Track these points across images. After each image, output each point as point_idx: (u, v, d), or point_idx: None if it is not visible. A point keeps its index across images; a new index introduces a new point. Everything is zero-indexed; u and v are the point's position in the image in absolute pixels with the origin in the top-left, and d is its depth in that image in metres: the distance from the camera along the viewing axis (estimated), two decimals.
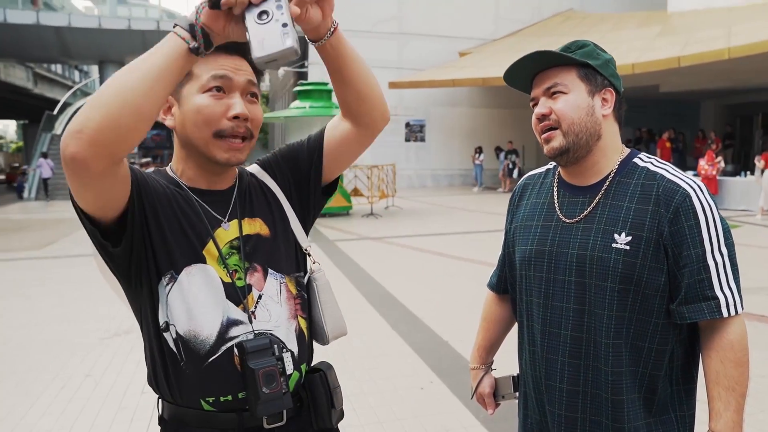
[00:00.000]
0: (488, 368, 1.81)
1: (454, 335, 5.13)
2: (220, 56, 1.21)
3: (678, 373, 1.45)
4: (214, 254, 1.24)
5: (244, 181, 1.37)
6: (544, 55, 1.42)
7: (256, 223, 1.33)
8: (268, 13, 0.96)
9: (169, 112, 1.25)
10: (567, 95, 1.42)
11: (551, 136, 1.43)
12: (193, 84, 1.22)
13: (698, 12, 17.67)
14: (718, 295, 1.35)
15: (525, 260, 1.55)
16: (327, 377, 1.33)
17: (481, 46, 22.86)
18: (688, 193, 1.37)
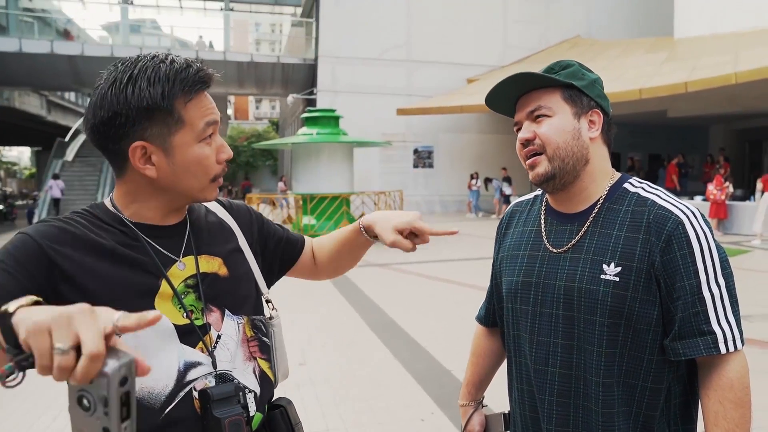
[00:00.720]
0: (478, 405, 1.72)
1: (457, 365, 5.03)
2: (202, 96, 1.14)
3: (676, 413, 1.35)
4: (169, 294, 1.15)
5: (194, 213, 1.30)
6: (526, 76, 1.35)
7: (215, 262, 1.25)
8: (89, 405, 0.71)
9: (145, 160, 1.11)
10: (551, 118, 1.34)
11: (536, 161, 1.36)
12: (187, 133, 1.12)
13: (705, 38, 17.69)
14: (715, 330, 1.25)
15: (511, 292, 1.47)
16: (288, 414, 1.27)
17: (489, 72, 22.98)
18: (680, 219, 1.28)
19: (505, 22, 23.84)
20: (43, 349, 0.70)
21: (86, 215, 1.16)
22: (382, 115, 21.64)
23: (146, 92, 1.07)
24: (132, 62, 1.11)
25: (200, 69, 1.13)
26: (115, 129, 1.09)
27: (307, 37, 24.86)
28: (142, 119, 1.08)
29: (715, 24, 17.88)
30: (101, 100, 1.09)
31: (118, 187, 1.19)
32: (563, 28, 24.36)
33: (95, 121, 1.10)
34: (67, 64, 21.75)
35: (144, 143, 1.10)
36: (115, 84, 1.08)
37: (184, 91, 1.10)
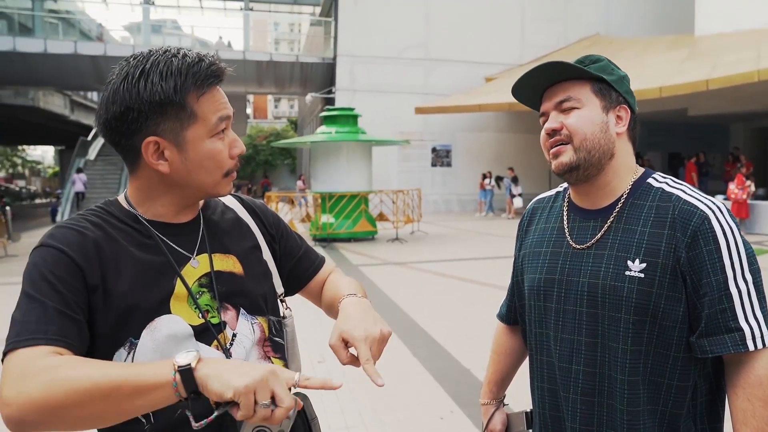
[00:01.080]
0: (500, 403, 1.71)
1: (476, 363, 5.05)
2: (214, 91, 1.13)
3: (703, 412, 1.34)
4: (183, 295, 1.14)
5: (209, 209, 1.28)
6: (558, 66, 1.34)
7: (230, 260, 1.23)
8: None
9: (158, 156, 1.11)
10: (580, 110, 1.34)
11: (561, 150, 1.35)
12: (200, 127, 1.11)
13: (726, 35, 17.45)
14: (742, 327, 1.23)
15: (534, 290, 1.46)
16: (304, 409, 1.26)
17: (507, 71, 22.88)
18: (706, 215, 1.26)
19: (523, 21, 23.71)
20: (250, 405, 0.90)
21: (101, 214, 1.16)
22: (400, 114, 21.66)
23: (158, 86, 1.06)
24: (144, 57, 1.10)
25: (212, 63, 1.12)
26: (128, 124, 1.08)
27: (326, 37, 24.95)
28: (155, 114, 1.07)
29: (736, 21, 17.61)
30: (113, 95, 1.08)
31: (132, 183, 1.18)
32: (582, 26, 24.16)
33: (107, 116, 1.09)
34: (90, 65, 22.04)
35: (157, 138, 1.09)
36: (127, 79, 1.08)
37: (197, 86, 1.09)
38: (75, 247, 1.06)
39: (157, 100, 1.07)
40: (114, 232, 1.12)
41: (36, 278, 1.03)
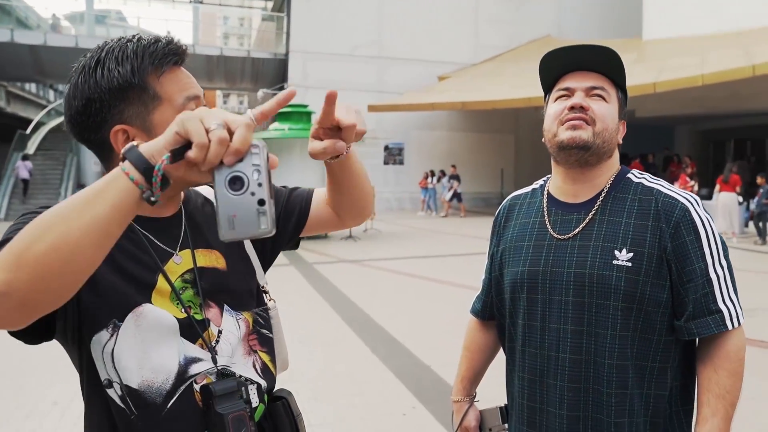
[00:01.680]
0: (472, 400, 1.72)
1: (435, 359, 5.03)
2: (176, 71, 1.08)
3: (677, 394, 1.41)
4: (166, 291, 1.10)
5: (191, 202, 1.24)
6: (612, 56, 1.40)
7: (213, 255, 1.19)
8: (243, 182, 0.81)
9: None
10: (608, 104, 1.41)
11: (582, 125, 1.37)
12: (166, 109, 1.06)
13: (672, 40, 18.07)
14: (721, 308, 1.33)
15: (517, 282, 1.48)
16: (290, 405, 1.23)
17: (460, 70, 23.10)
18: (686, 207, 1.36)
19: (477, 21, 23.98)
20: (199, 129, 0.80)
21: None
22: None
23: (115, 72, 1.03)
24: (99, 48, 1.07)
25: (170, 42, 1.08)
26: (92, 117, 1.05)
27: (278, 32, 24.65)
28: (117, 101, 1.04)
29: (681, 27, 18.29)
30: (73, 90, 1.06)
31: None
32: (534, 27, 24.61)
33: (71, 112, 1.06)
34: (29, 54, 21.15)
35: (124, 126, 1.04)
36: (84, 71, 1.05)
37: (155, 65, 1.04)
38: None
39: (115, 85, 1.03)
40: None
41: None
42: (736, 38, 16.00)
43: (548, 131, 1.44)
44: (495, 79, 20.64)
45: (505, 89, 18.98)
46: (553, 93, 1.45)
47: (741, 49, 14.72)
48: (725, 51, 14.74)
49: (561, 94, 1.43)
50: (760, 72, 13.11)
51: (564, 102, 1.41)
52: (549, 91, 1.49)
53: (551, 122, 1.43)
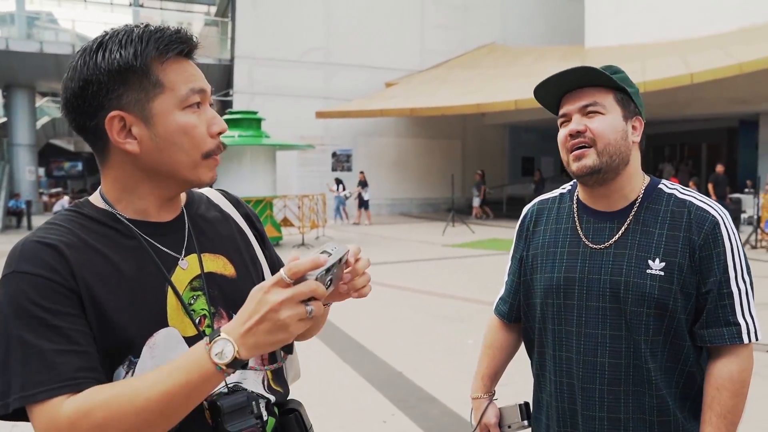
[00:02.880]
0: (492, 397, 1.73)
1: (406, 366, 5.00)
2: (183, 62, 1.03)
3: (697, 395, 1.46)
4: (175, 304, 1.04)
5: (193, 205, 1.18)
6: (588, 71, 1.40)
7: (220, 260, 1.13)
8: None
9: (125, 134, 1.00)
10: (605, 116, 1.41)
11: (584, 153, 1.41)
12: (168, 98, 1.00)
13: (613, 48, 18.75)
14: (740, 322, 1.38)
15: (553, 288, 1.50)
16: (302, 417, 1.18)
17: (407, 76, 23.26)
18: (717, 220, 1.40)
19: (423, 27, 24.21)
20: (302, 326, 0.88)
21: (73, 218, 1.03)
22: (300, 118, 21.35)
23: (117, 54, 0.98)
24: (103, 33, 1.02)
25: (178, 31, 1.02)
26: (88, 100, 0.99)
27: (222, 37, 24.19)
28: (116, 84, 0.98)
29: (622, 35, 19.01)
30: (72, 72, 1.00)
31: (104, 177, 1.07)
32: (479, 34, 25.02)
33: (67, 95, 1.00)
34: None
35: (120, 112, 0.99)
36: (84, 53, 1.00)
37: (159, 50, 0.99)
38: (54, 267, 0.94)
39: (116, 67, 0.98)
40: (91, 239, 1.01)
41: (22, 315, 0.91)
42: (674, 47, 16.74)
43: (563, 158, 1.48)
44: (442, 85, 20.89)
45: (453, 95, 19.23)
46: (558, 119, 1.49)
47: (679, 57, 15.39)
48: (664, 59, 15.38)
49: (562, 121, 1.47)
50: (698, 80, 13.76)
51: (566, 128, 1.45)
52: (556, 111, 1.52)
53: (562, 150, 1.47)
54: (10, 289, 0.93)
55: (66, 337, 0.91)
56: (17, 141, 23.69)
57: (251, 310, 0.87)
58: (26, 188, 23.10)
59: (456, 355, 5.27)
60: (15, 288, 0.92)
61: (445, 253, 12.48)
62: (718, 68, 13.77)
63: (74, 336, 0.92)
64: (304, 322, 0.87)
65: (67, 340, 0.91)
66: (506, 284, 1.70)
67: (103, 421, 0.86)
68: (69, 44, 22.23)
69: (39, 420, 0.88)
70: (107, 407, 0.87)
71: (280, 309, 0.85)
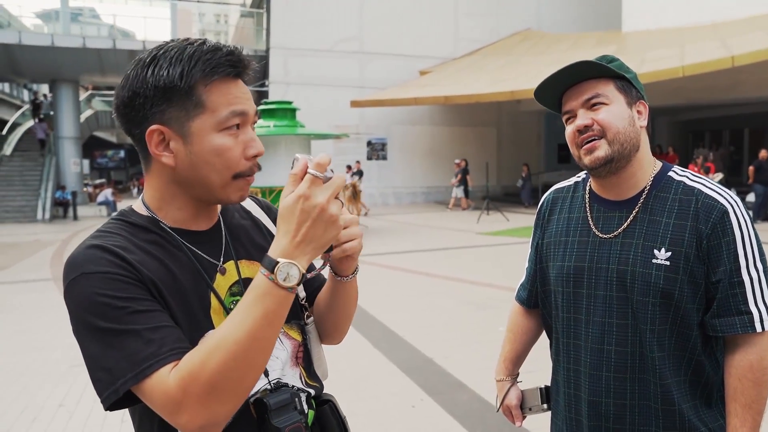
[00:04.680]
0: (514, 380, 1.79)
1: (437, 352, 5.08)
2: (230, 83, 1.05)
3: (718, 382, 1.47)
4: (218, 309, 1.09)
5: (228, 213, 1.22)
6: (585, 65, 1.40)
7: (255, 266, 1.17)
8: None
9: (164, 147, 1.05)
10: (609, 106, 1.41)
11: (595, 145, 1.41)
12: (207, 119, 1.03)
13: (651, 32, 18.30)
14: (752, 310, 1.36)
15: (563, 277, 1.54)
16: (337, 408, 1.24)
17: (441, 64, 23.14)
18: (726, 209, 1.38)
19: (457, 15, 24.03)
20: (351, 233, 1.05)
21: (123, 225, 1.08)
22: (335, 107, 21.51)
23: (165, 71, 1.02)
24: (161, 45, 1.06)
25: (231, 53, 1.05)
26: (135, 110, 1.04)
27: (257, 28, 24.45)
28: (160, 100, 1.02)
29: (660, 19, 18.53)
30: (124, 81, 1.05)
31: (147, 183, 1.13)
32: (514, 21, 24.71)
33: (118, 102, 1.06)
34: (3, 53, 20.77)
35: (161, 127, 1.03)
36: (138, 64, 1.05)
37: (206, 73, 1.02)
38: (120, 265, 0.99)
39: (161, 85, 1.02)
40: (143, 244, 1.06)
41: (103, 309, 0.95)
42: (713, 30, 16.27)
43: (573, 154, 1.48)
44: (476, 73, 20.73)
45: (488, 83, 19.07)
46: (563, 116, 1.50)
47: (718, 40, 14.96)
48: (703, 43, 14.97)
49: (567, 117, 1.48)
50: (739, 63, 13.34)
51: (572, 124, 1.46)
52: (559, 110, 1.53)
53: (571, 146, 1.48)
54: (82, 289, 0.96)
55: (152, 317, 0.96)
56: (63, 134, 24.42)
57: (299, 220, 0.92)
58: (71, 180, 23.81)
59: (486, 343, 5.33)
60: (88, 287, 0.95)
61: (479, 241, 12.49)
62: (759, 50, 13.31)
63: (158, 316, 0.97)
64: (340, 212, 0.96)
65: (155, 319, 0.96)
66: (526, 271, 1.75)
67: (210, 376, 0.90)
68: (110, 39, 22.78)
69: (153, 395, 0.92)
70: (207, 361, 0.90)
71: (328, 206, 0.93)
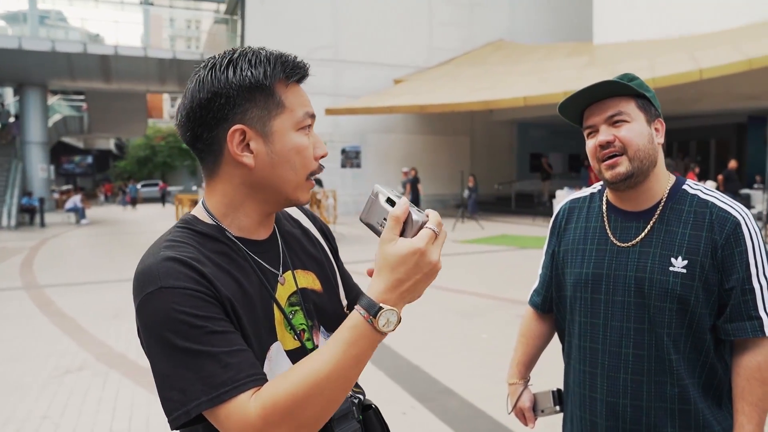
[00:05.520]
0: (527, 383, 1.84)
1: (424, 360, 5.11)
2: (298, 87, 1.11)
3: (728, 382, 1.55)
4: (281, 320, 1.09)
5: (282, 225, 1.23)
6: (610, 85, 1.48)
7: (309, 276, 1.20)
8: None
9: (244, 148, 1.05)
10: (630, 123, 1.49)
11: (617, 161, 1.49)
12: (287, 118, 1.06)
13: (622, 44, 18.74)
14: (761, 315, 1.45)
15: (581, 283, 1.60)
16: (380, 413, 1.26)
17: (415, 73, 23.30)
18: (738, 221, 1.47)
19: (431, 25, 24.24)
20: None
21: (189, 234, 1.07)
22: None
23: (248, 72, 1.03)
24: (227, 52, 1.08)
25: (296, 59, 1.11)
26: (213, 112, 1.03)
27: (231, 35, 24.32)
28: (243, 100, 1.04)
29: (630, 32, 18.99)
30: (199, 84, 1.04)
31: (211, 189, 1.11)
32: (487, 31, 25.04)
33: (192, 104, 1.04)
34: None
35: (243, 127, 1.04)
36: (214, 68, 1.05)
37: (286, 74, 1.06)
38: (198, 280, 0.98)
39: (247, 84, 1.03)
40: (213, 255, 1.05)
41: (181, 327, 0.94)
42: (682, 43, 16.73)
43: (594, 168, 1.56)
44: (451, 82, 20.93)
45: (462, 92, 19.27)
46: (584, 130, 1.57)
47: (687, 54, 15.39)
48: (673, 56, 15.36)
49: (589, 132, 1.55)
50: (707, 76, 13.76)
51: (594, 139, 1.53)
52: (580, 123, 1.61)
53: (592, 160, 1.56)
54: (161, 305, 0.94)
55: (229, 341, 0.95)
56: (30, 139, 23.90)
57: (410, 272, 0.94)
58: (38, 185, 23.31)
59: (472, 350, 5.39)
60: (167, 302, 0.94)
61: (457, 249, 12.57)
62: (726, 64, 13.77)
63: (234, 338, 0.96)
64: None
65: (231, 342, 0.95)
66: (540, 277, 1.81)
67: (293, 407, 0.90)
68: (80, 43, 22.40)
69: (229, 421, 0.91)
70: (294, 394, 0.91)
71: (439, 263, 0.96)
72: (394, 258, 0.94)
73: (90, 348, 5.66)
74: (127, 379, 4.79)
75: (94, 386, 4.60)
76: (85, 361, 5.26)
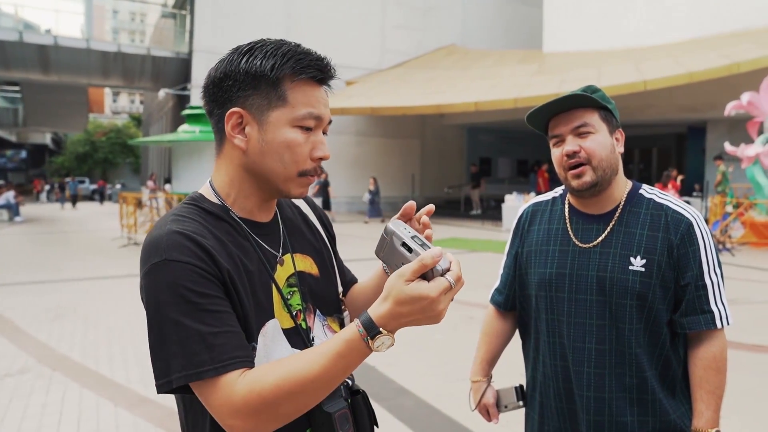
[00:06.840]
0: (489, 380, 1.90)
1: (378, 360, 5.10)
2: (313, 87, 1.13)
3: (682, 374, 1.66)
4: (278, 298, 1.14)
5: (283, 208, 1.28)
6: (579, 97, 1.56)
7: (307, 260, 1.25)
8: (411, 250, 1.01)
9: (239, 130, 1.11)
10: (595, 134, 1.58)
11: (583, 171, 1.58)
12: (285, 112, 1.10)
13: (570, 53, 19.31)
14: (713, 309, 1.57)
15: (545, 282, 1.69)
16: (368, 399, 1.28)
17: (367, 75, 23.35)
18: (691, 222, 1.59)
19: (384, 27, 24.36)
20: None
21: (196, 212, 1.11)
22: None
23: (258, 61, 1.09)
24: (261, 41, 1.14)
25: (321, 59, 1.13)
26: (223, 91, 1.11)
27: (179, 30, 23.81)
28: (249, 86, 1.09)
29: (578, 42, 19.59)
30: (219, 64, 1.13)
31: (216, 167, 1.17)
32: (439, 35, 25.35)
33: (208, 81, 1.14)
34: None
35: (242, 110, 1.10)
36: (235, 52, 1.12)
37: (294, 70, 1.09)
38: (201, 256, 1.02)
39: (253, 72, 1.09)
40: (217, 232, 1.10)
41: (178, 301, 0.99)
42: (627, 54, 17.35)
43: (560, 175, 1.65)
44: (403, 85, 21.07)
45: (414, 95, 19.42)
46: (549, 138, 1.66)
47: (632, 65, 15.96)
48: (619, 66, 15.90)
49: (555, 141, 1.63)
50: (651, 87, 14.31)
51: (560, 148, 1.61)
52: (545, 131, 1.68)
53: (558, 168, 1.64)
54: (164, 276, 0.99)
55: (220, 320, 0.99)
56: None
57: (414, 312, 0.96)
58: None
59: (426, 350, 5.43)
60: (169, 275, 0.99)
61: None
62: (669, 76, 14.37)
63: (227, 318, 1.00)
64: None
65: (222, 322, 0.99)
66: (501, 277, 1.88)
67: (276, 399, 0.96)
68: (15, 31, 21.48)
69: (213, 396, 0.97)
70: (279, 387, 0.96)
71: (445, 312, 0.98)
72: (405, 296, 0.96)
73: (30, 350, 5.42)
74: (74, 382, 4.60)
75: (37, 390, 4.40)
76: (26, 363, 5.03)
